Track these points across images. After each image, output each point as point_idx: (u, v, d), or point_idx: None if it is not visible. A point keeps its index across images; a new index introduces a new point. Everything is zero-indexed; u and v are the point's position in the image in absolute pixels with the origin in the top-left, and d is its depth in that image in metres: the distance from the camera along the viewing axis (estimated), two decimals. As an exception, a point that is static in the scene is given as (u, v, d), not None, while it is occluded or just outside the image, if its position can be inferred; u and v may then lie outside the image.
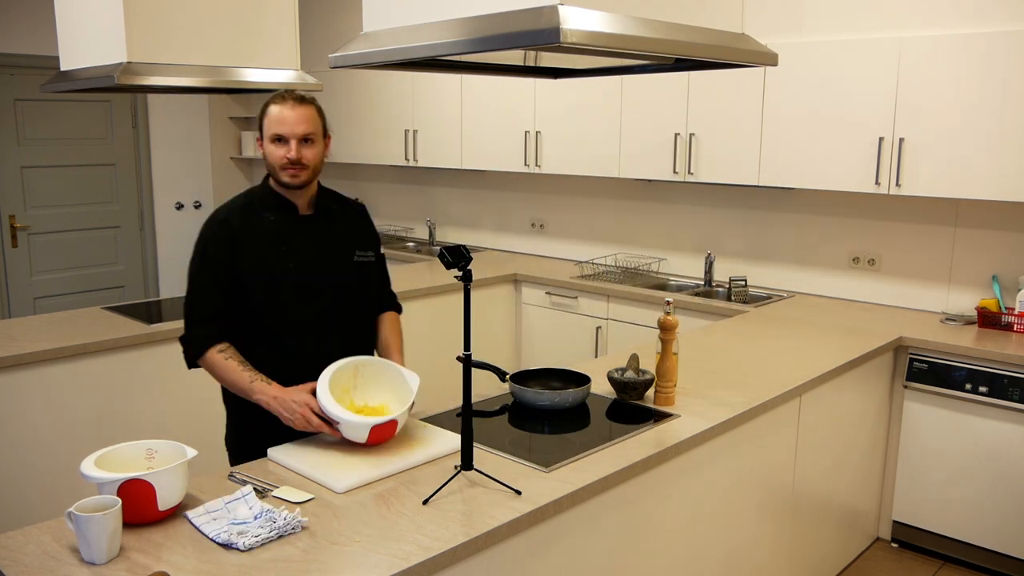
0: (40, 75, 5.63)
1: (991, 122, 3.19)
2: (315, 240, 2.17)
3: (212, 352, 2.09)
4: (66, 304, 5.92)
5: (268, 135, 2.08)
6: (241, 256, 2.09)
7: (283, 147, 2.07)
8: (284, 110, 2.06)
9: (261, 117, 2.10)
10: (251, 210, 2.14)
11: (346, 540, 1.59)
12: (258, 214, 2.13)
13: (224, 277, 2.09)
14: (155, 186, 6.39)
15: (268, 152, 2.09)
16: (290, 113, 2.06)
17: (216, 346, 2.09)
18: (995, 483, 3.15)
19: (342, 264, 2.21)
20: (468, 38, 1.66)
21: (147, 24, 2.66)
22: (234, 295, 2.10)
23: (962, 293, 3.64)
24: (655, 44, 1.71)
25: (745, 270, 4.31)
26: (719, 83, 3.90)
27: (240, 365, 2.08)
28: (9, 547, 1.55)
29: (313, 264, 2.15)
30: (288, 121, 2.06)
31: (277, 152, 2.07)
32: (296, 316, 2.13)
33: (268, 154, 2.09)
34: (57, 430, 3.08)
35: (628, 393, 2.43)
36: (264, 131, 2.09)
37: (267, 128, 2.08)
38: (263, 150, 2.11)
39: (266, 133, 2.09)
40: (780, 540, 2.76)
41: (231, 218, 2.12)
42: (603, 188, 4.85)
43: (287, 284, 2.11)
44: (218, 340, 2.10)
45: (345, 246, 2.22)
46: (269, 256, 2.10)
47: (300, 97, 2.10)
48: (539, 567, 1.83)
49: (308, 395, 1.99)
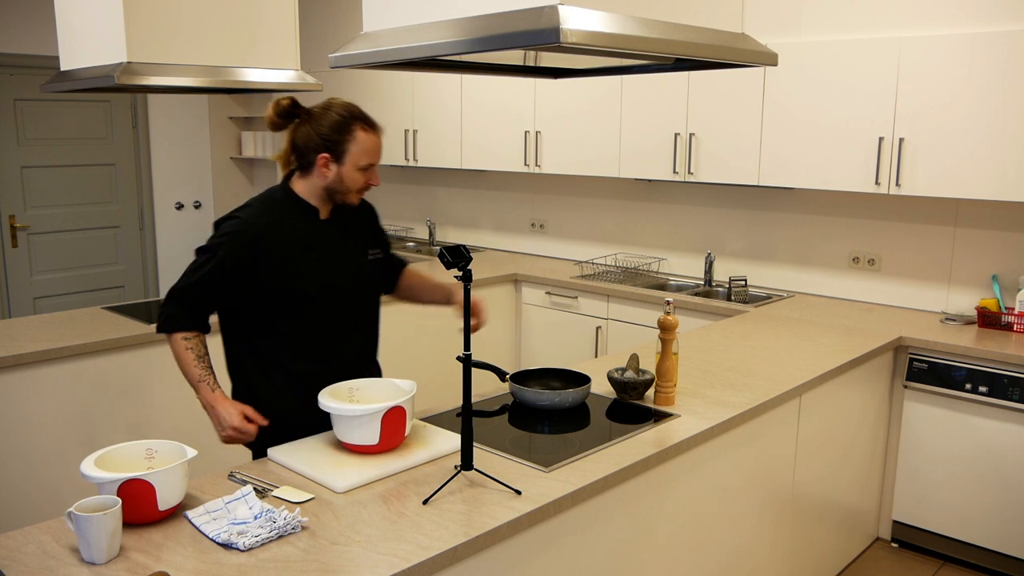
0: (40, 75, 5.64)
1: (991, 122, 3.19)
2: (335, 244, 2.19)
3: (177, 336, 2.11)
4: (66, 304, 5.93)
5: (356, 162, 2.08)
6: (264, 262, 2.08)
7: (367, 174, 2.11)
8: (375, 140, 2.10)
9: (344, 138, 2.06)
10: (275, 216, 2.12)
11: (346, 540, 1.59)
12: (282, 220, 2.12)
13: (224, 280, 2.08)
14: (155, 186, 6.39)
15: (349, 176, 2.09)
16: (378, 143, 2.11)
17: (183, 332, 2.11)
18: (995, 483, 3.15)
19: (359, 265, 2.24)
20: (468, 38, 1.66)
21: (147, 24, 2.66)
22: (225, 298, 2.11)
23: (962, 293, 3.64)
24: (655, 44, 1.71)
25: (745, 270, 4.31)
26: (719, 83, 3.90)
27: (197, 359, 2.11)
28: (9, 547, 1.56)
29: (335, 267, 2.18)
30: (378, 151, 2.12)
31: (360, 177, 2.10)
32: (321, 318, 2.17)
33: (348, 180, 2.10)
34: (57, 430, 3.08)
35: (628, 393, 2.43)
36: (348, 155, 2.07)
37: (356, 154, 2.08)
38: (338, 171, 2.09)
39: (353, 158, 2.08)
40: (780, 540, 2.76)
41: (253, 224, 2.09)
42: (603, 188, 4.85)
43: (313, 288, 2.14)
44: (188, 327, 2.11)
45: (359, 247, 2.26)
46: (295, 261, 2.11)
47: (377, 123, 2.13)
48: (539, 567, 1.83)
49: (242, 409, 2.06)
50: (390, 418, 1.92)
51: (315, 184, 2.12)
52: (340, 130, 2.07)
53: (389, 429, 1.93)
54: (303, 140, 2.09)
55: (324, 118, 2.07)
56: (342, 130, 2.07)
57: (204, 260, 2.09)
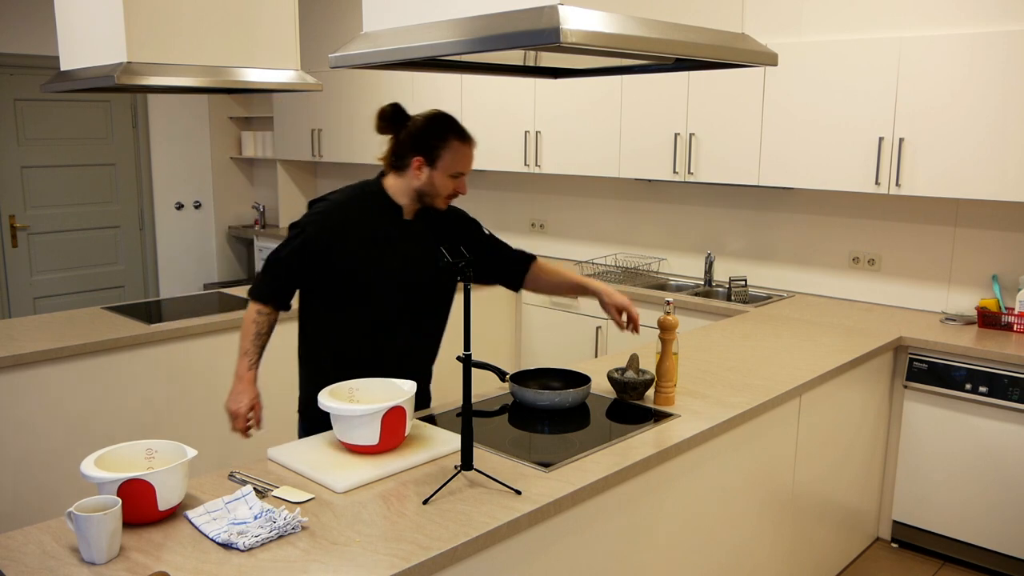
0: (40, 75, 5.64)
1: (991, 122, 3.19)
2: (412, 244, 2.29)
3: (254, 306, 2.26)
4: (66, 304, 5.93)
5: (448, 168, 2.20)
6: (341, 246, 2.19)
7: (457, 182, 2.24)
8: (469, 151, 2.23)
9: (440, 145, 2.20)
10: (362, 205, 2.25)
11: (346, 540, 1.59)
12: (368, 211, 2.25)
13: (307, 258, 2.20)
14: (155, 186, 6.39)
15: (439, 181, 2.21)
16: (470, 155, 2.25)
17: (260, 305, 2.25)
18: (995, 483, 3.15)
19: (432, 267, 2.32)
20: (468, 38, 1.66)
21: (147, 24, 2.66)
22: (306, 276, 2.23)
23: (962, 293, 3.64)
24: (655, 44, 1.71)
25: (745, 270, 4.31)
26: (719, 83, 3.90)
27: (255, 335, 2.26)
28: (9, 547, 1.56)
29: (408, 267, 2.28)
30: (469, 162, 2.25)
31: (450, 184, 2.23)
32: (384, 313, 2.27)
33: (439, 185, 2.22)
34: (57, 430, 3.08)
35: (628, 393, 2.43)
36: (441, 161, 2.20)
37: (449, 162, 2.20)
38: (430, 175, 2.21)
39: (445, 164, 2.20)
40: (780, 540, 2.76)
41: (341, 212, 2.23)
42: (603, 188, 4.85)
43: (381, 281, 2.23)
44: (266, 301, 2.25)
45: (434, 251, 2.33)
46: (370, 253, 2.22)
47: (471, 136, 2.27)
48: (539, 567, 1.83)
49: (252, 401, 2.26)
50: (390, 418, 1.92)
51: (407, 184, 2.24)
52: (435, 136, 2.21)
53: (389, 429, 1.93)
54: (403, 142, 2.23)
55: (424, 125, 2.22)
56: (439, 137, 2.21)
57: (293, 235, 2.23)
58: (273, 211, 6.89)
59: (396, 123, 2.24)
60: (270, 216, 6.92)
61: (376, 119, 2.24)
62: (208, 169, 6.73)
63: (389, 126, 2.24)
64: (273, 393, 3.74)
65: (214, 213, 6.80)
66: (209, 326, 3.43)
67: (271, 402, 3.78)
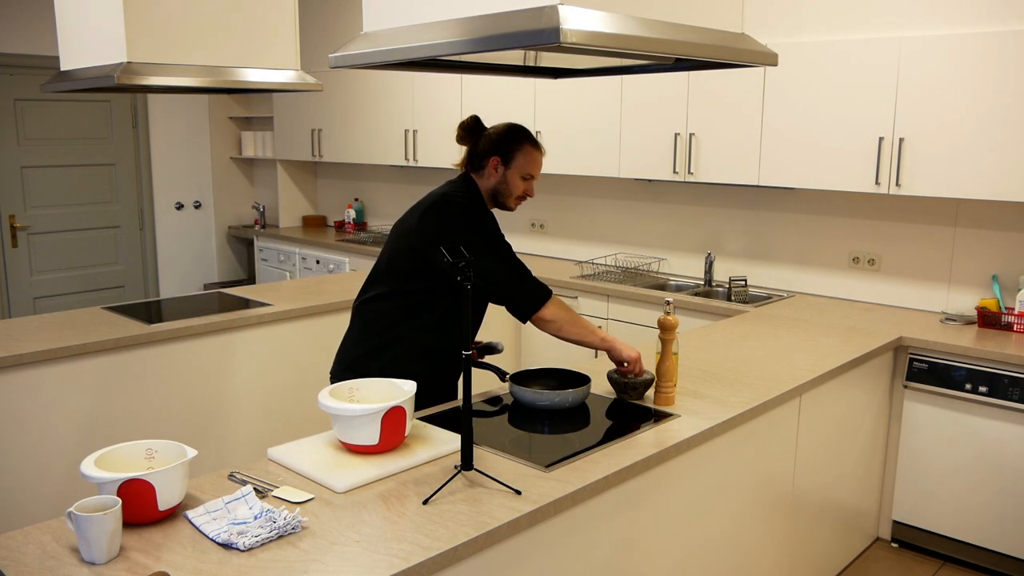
0: (40, 75, 5.64)
1: (991, 122, 3.19)
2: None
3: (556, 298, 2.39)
4: (66, 304, 5.93)
5: (520, 169, 2.42)
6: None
7: (527, 184, 2.45)
8: (540, 157, 2.46)
9: (515, 147, 2.41)
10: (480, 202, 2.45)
11: (346, 540, 1.59)
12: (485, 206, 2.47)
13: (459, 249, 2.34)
14: (155, 186, 6.39)
15: (513, 182, 2.43)
16: (540, 160, 2.46)
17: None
18: (995, 483, 3.15)
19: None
20: (468, 38, 1.66)
21: (147, 24, 2.66)
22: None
23: (962, 293, 3.64)
24: (655, 44, 1.71)
25: (745, 270, 4.31)
26: (719, 83, 3.90)
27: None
28: (9, 547, 1.56)
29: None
30: (539, 167, 2.46)
31: (521, 185, 2.44)
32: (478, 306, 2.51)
33: (511, 183, 2.43)
34: (57, 430, 3.08)
35: (628, 393, 2.43)
36: (515, 163, 2.42)
37: (523, 164, 2.42)
38: (504, 174, 2.42)
39: (519, 167, 2.42)
40: (780, 540, 2.76)
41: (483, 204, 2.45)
42: (603, 188, 4.85)
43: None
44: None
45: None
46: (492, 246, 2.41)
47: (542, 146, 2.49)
48: (539, 567, 1.83)
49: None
50: (390, 418, 1.92)
51: (483, 185, 2.45)
52: (512, 140, 2.42)
53: (389, 429, 1.93)
54: (482, 147, 2.43)
55: (503, 130, 2.44)
56: (514, 140, 2.42)
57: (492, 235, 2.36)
58: (273, 211, 6.89)
59: (475, 133, 2.45)
60: (270, 216, 6.92)
61: (458, 129, 2.46)
62: (208, 169, 6.73)
63: (468, 136, 2.45)
64: (273, 394, 3.75)
65: (214, 213, 6.80)
66: (209, 326, 3.43)
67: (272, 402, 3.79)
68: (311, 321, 3.80)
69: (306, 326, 3.78)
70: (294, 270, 6.14)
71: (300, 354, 3.78)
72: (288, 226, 6.69)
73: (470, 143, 2.46)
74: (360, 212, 6.38)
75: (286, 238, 6.20)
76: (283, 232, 6.38)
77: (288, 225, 6.70)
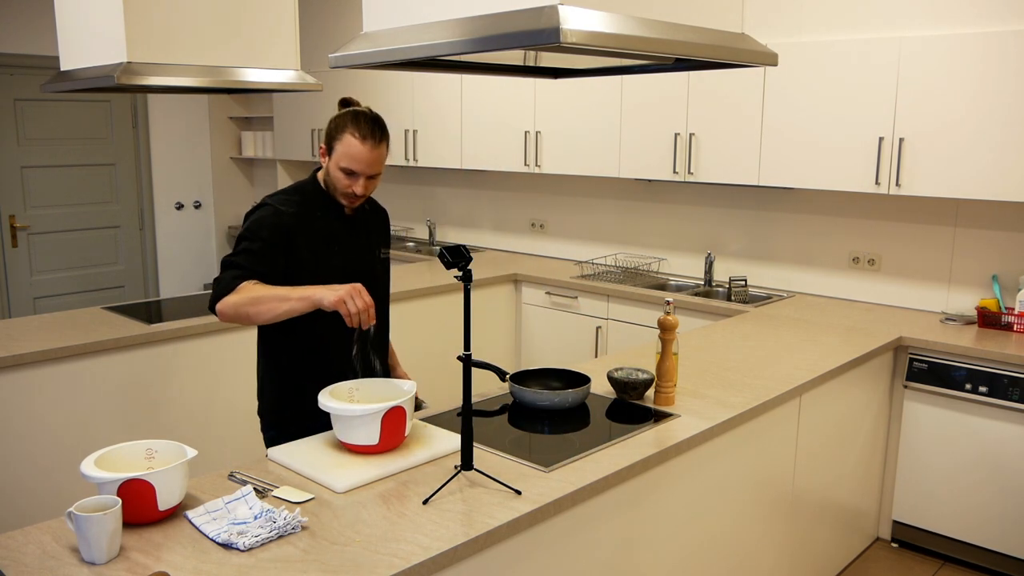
0: (40, 75, 5.64)
1: (991, 122, 3.19)
2: (355, 237, 2.26)
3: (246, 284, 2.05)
4: (66, 304, 5.93)
5: (338, 162, 2.09)
6: (293, 248, 2.13)
7: (351, 179, 2.11)
8: (362, 148, 2.06)
9: (334, 134, 2.09)
10: (303, 206, 2.17)
11: (346, 540, 1.59)
12: (310, 211, 2.18)
13: (270, 258, 2.10)
14: (155, 186, 6.39)
15: (334, 175, 2.12)
16: (368, 156, 2.07)
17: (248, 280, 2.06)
18: (995, 483, 3.15)
19: (374, 260, 2.32)
20: (468, 38, 1.66)
21: (147, 24, 2.66)
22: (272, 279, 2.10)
23: (962, 293, 3.64)
24: (655, 44, 1.71)
25: (745, 270, 4.31)
26: (719, 83, 3.90)
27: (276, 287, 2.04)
28: (9, 547, 1.56)
29: (354, 259, 2.25)
30: (363, 161, 2.08)
31: (343, 180, 2.11)
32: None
33: (334, 176, 2.12)
34: (57, 430, 3.08)
35: (628, 393, 2.43)
36: (335, 153, 2.10)
37: (339, 156, 2.09)
38: (327, 163, 2.13)
39: (337, 158, 2.10)
40: (780, 540, 2.76)
41: (285, 211, 2.14)
42: (603, 188, 4.85)
43: (334, 278, 2.16)
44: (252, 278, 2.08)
45: (374, 244, 2.34)
46: (320, 251, 2.18)
47: (380, 136, 2.09)
48: (539, 567, 1.83)
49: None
50: (390, 418, 1.92)
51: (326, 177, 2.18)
52: (334, 126, 2.11)
53: (389, 429, 1.93)
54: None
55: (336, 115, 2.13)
56: (335, 127, 2.11)
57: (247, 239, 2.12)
58: (273, 211, 6.88)
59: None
60: (270, 216, 6.91)
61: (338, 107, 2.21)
62: (208, 169, 6.73)
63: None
64: (273, 393, 3.74)
65: (214, 213, 6.80)
66: (209, 326, 3.43)
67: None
68: (311, 321, 3.79)
69: (306, 326, 3.78)
70: (294, 270, 6.12)
71: (300, 354, 3.77)
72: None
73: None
74: (360, 212, 6.37)
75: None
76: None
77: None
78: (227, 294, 2.06)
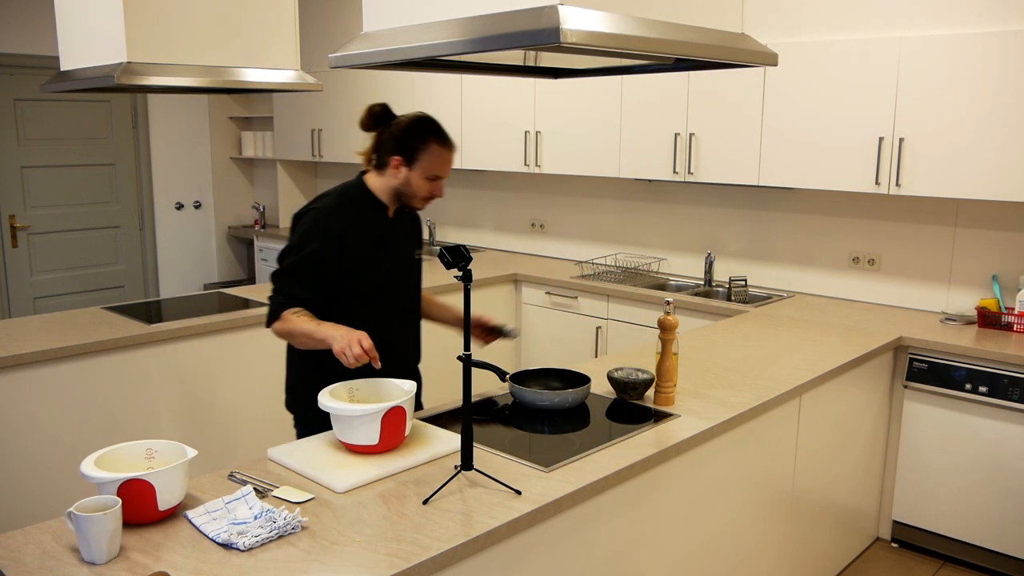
0: (40, 75, 5.64)
1: (991, 122, 3.19)
2: (397, 239, 2.36)
3: (287, 313, 2.18)
4: (66, 304, 5.93)
5: (426, 171, 2.24)
6: (343, 252, 2.21)
7: (434, 184, 2.26)
8: (448, 155, 2.26)
9: (417, 145, 2.22)
10: (352, 210, 2.26)
11: (346, 540, 1.59)
12: (359, 214, 2.27)
13: (317, 273, 2.19)
14: (155, 186, 6.39)
15: (416, 183, 2.25)
16: (451, 160, 2.27)
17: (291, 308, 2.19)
18: (995, 483, 3.15)
19: (412, 260, 2.43)
20: (468, 38, 1.66)
21: (147, 24, 2.66)
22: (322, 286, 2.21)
23: (962, 293, 3.64)
24: (655, 44, 1.71)
25: (745, 270, 4.31)
26: (719, 83, 3.90)
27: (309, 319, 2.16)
28: (9, 547, 1.56)
29: (398, 262, 2.35)
30: (448, 165, 2.27)
31: (427, 186, 2.26)
32: (384, 306, 2.32)
33: (415, 184, 2.25)
34: (57, 430, 3.08)
35: (628, 393, 2.43)
36: (419, 163, 2.23)
37: (426, 164, 2.23)
38: (406, 173, 2.24)
39: (422, 167, 2.23)
40: (780, 540, 2.76)
41: (334, 216, 2.23)
42: (603, 188, 4.85)
43: (382, 279, 2.28)
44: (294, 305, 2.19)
45: (412, 245, 2.44)
46: (368, 253, 2.26)
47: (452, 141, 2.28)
48: (539, 567, 1.83)
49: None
50: (390, 418, 1.92)
51: (386, 183, 2.28)
52: (416, 138, 2.23)
53: (389, 429, 1.93)
54: (384, 141, 2.26)
55: (406, 126, 2.25)
56: (418, 138, 2.23)
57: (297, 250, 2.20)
58: (273, 211, 6.89)
59: (382, 122, 2.28)
60: (270, 216, 6.92)
61: (364, 116, 2.27)
62: (208, 169, 6.73)
63: (374, 125, 2.28)
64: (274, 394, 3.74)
65: (214, 213, 6.80)
66: (209, 326, 3.43)
67: (271, 402, 3.78)
68: (311, 321, 3.79)
69: (306, 326, 3.78)
70: (294, 270, 6.12)
71: (300, 354, 3.77)
72: (288, 226, 6.68)
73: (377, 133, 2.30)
74: (360, 212, 6.38)
75: (286, 238, 6.19)
76: (283, 232, 6.38)
77: (288, 225, 6.69)
78: (275, 319, 2.20)
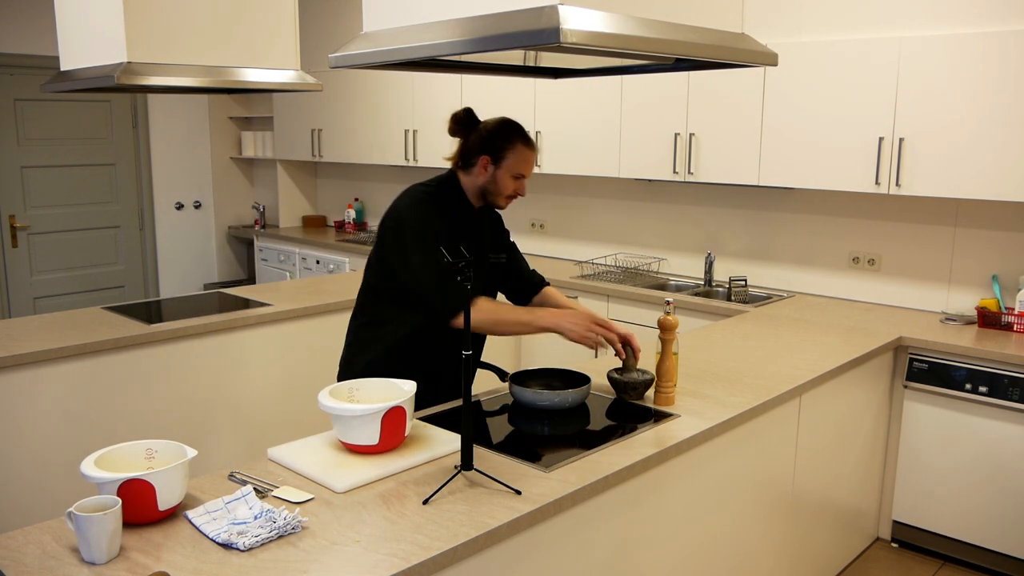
0: (40, 75, 5.64)
1: (991, 122, 3.19)
2: (479, 235, 2.47)
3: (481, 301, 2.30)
4: (66, 304, 5.93)
5: (511, 169, 2.35)
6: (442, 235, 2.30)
7: (518, 183, 2.38)
8: (532, 155, 2.38)
9: (504, 146, 2.33)
10: (445, 201, 2.38)
11: (346, 540, 1.59)
12: (449, 206, 2.39)
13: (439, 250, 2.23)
14: (155, 186, 6.39)
15: (502, 181, 2.36)
16: (533, 158, 2.39)
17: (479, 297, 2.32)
18: (995, 483, 3.15)
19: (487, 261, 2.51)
20: (468, 38, 1.66)
21: (147, 24, 2.66)
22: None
23: (962, 293, 3.64)
24: (655, 44, 1.71)
25: (745, 270, 4.31)
26: (719, 83, 3.90)
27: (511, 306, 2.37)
28: (9, 547, 1.56)
29: (479, 254, 2.45)
30: (531, 166, 2.39)
31: (512, 184, 2.38)
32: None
33: (501, 183, 2.37)
34: (57, 430, 3.08)
35: (628, 393, 2.43)
36: (506, 162, 2.34)
37: (513, 163, 2.35)
38: (493, 173, 2.36)
39: (509, 166, 2.35)
40: (780, 540, 2.76)
41: (435, 204, 2.35)
42: (603, 188, 4.85)
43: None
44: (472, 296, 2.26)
45: (491, 247, 2.53)
46: (456, 244, 2.27)
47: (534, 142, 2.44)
48: (539, 567, 1.83)
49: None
50: (390, 418, 1.92)
51: (473, 182, 2.40)
52: (502, 139, 2.34)
53: (389, 429, 1.93)
54: (472, 143, 2.37)
55: (493, 127, 2.37)
56: (504, 139, 2.34)
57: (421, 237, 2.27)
58: (273, 211, 6.89)
59: (467, 127, 2.39)
60: (270, 216, 6.92)
61: (450, 122, 2.39)
62: (208, 169, 6.73)
63: (461, 129, 2.39)
64: (273, 394, 3.75)
65: (214, 213, 6.80)
66: (209, 326, 3.43)
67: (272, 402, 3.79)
68: (311, 321, 3.80)
69: (306, 326, 3.78)
70: (294, 270, 6.14)
71: (300, 354, 3.78)
72: (288, 226, 6.69)
73: (463, 137, 2.40)
74: (360, 212, 6.38)
75: (286, 238, 6.20)
76: (283, 232, 6.38)
77: (288, 225, 6.70)
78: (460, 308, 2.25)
